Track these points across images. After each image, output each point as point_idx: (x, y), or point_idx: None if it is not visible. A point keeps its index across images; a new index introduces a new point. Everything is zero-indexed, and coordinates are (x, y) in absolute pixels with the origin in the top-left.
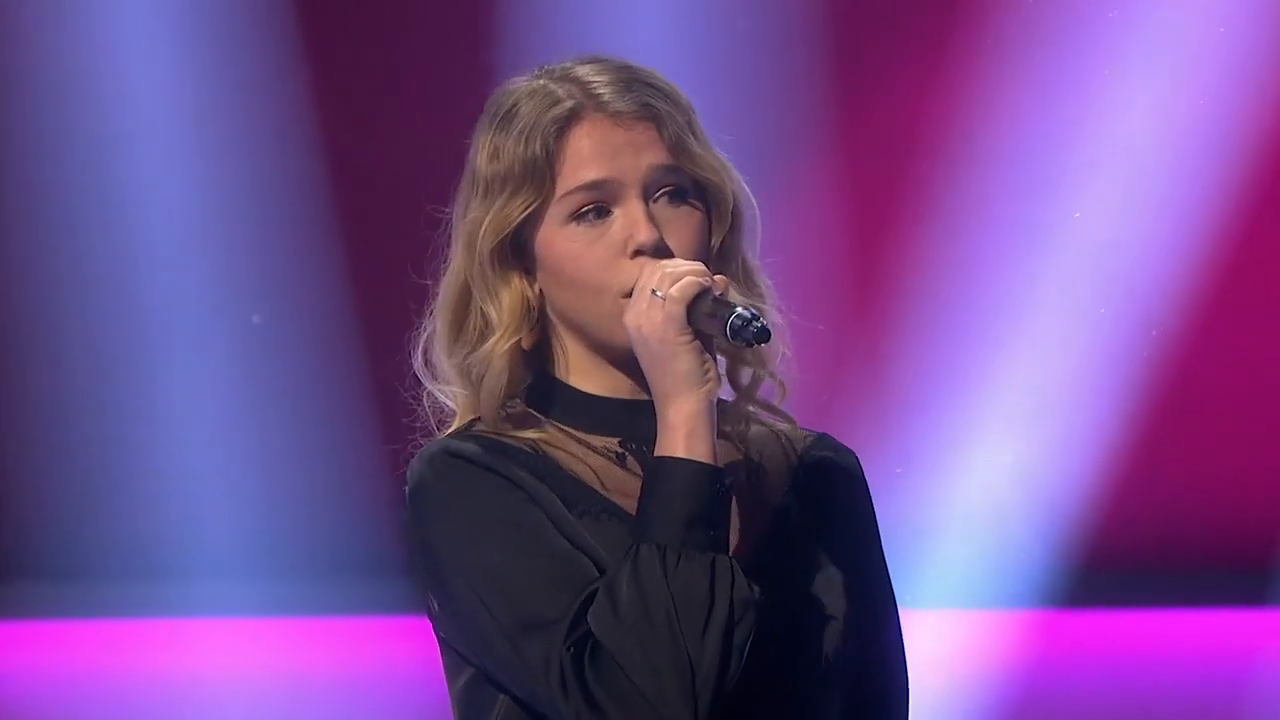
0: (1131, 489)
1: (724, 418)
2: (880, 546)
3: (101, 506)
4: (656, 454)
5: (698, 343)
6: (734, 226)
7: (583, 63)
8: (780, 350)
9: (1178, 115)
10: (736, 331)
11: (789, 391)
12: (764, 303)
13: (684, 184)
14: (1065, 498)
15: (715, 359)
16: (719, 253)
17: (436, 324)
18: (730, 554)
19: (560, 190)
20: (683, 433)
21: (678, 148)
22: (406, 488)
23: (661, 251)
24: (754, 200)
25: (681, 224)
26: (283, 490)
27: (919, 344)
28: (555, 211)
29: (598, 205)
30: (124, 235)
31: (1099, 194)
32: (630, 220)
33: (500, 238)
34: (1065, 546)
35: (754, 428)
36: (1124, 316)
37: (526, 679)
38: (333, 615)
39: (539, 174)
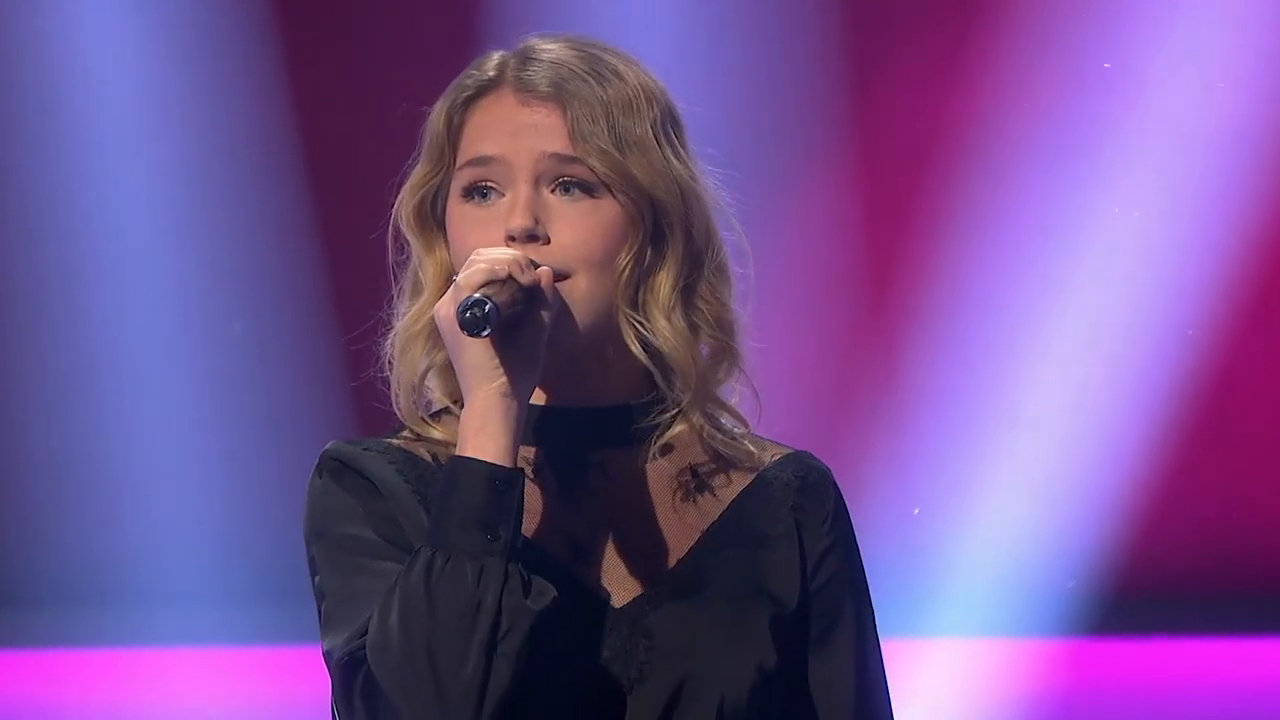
0: (1164, 510)
1: (672, 434)
2: (851, 568)
3: (64, 533)
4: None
5: None
6: (660, 236)
7: (548, 39)
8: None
9: (1206, 117)
10: (459, 320)
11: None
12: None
13: (585, 178)
14: (1094, 520)
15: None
16: (634, 260)
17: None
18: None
19: (458, 163)
20: (471, 429)
21: (581, 138)
22: None
23: (535, 241)
24: (709, 217)
25: (573, 218)
26: (254, 517)
27: (936, 359)
28: (455, 185)
29: (488, 184)
30: (89, 250)
31: (1120, 201)
32: (510, 204)
33: (416, 202)
34: (1094, 572)
35: (712, 446)
36: (1153, 329)
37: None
38: (304, 644)
39: (441, 144)
